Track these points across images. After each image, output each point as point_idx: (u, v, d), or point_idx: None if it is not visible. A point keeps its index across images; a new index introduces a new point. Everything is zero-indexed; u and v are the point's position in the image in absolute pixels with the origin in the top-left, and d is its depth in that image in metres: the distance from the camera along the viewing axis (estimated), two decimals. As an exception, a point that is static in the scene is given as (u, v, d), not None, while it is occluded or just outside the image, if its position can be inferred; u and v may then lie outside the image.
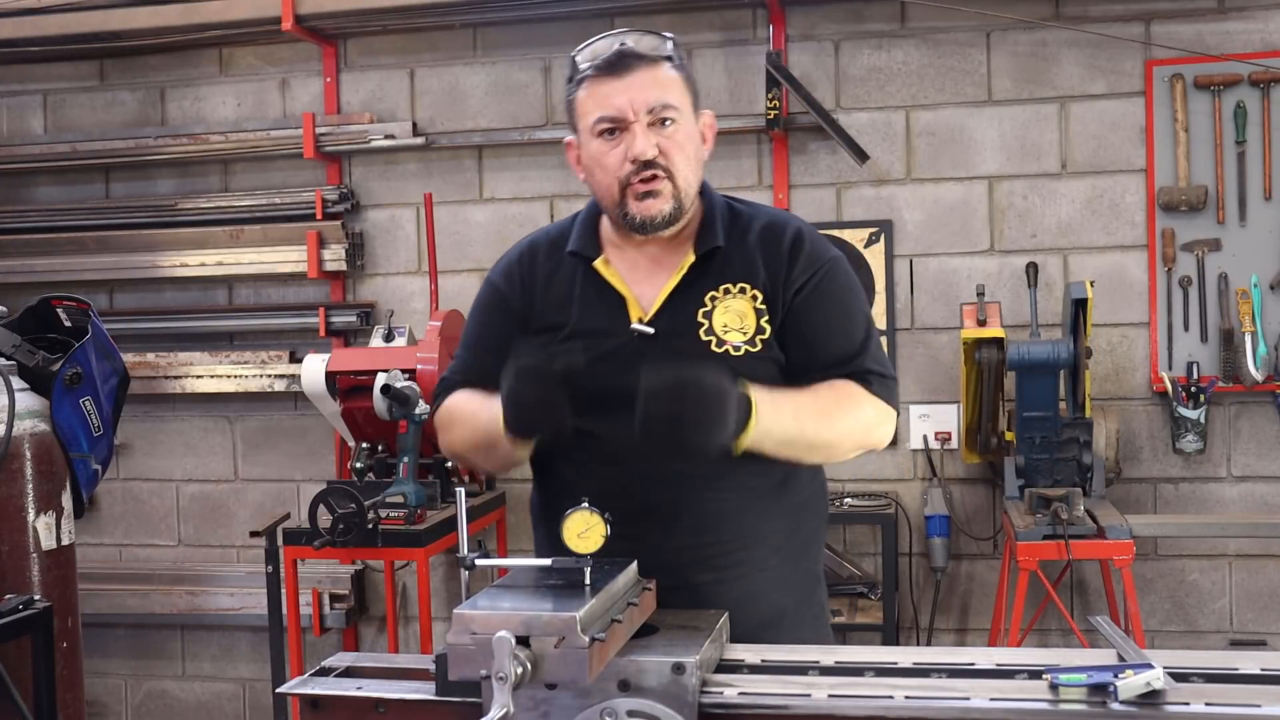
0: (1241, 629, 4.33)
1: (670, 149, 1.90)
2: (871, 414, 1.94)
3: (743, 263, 1.96)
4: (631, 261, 1.99)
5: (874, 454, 4.43)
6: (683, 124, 1.92)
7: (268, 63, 4.90)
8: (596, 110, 1.90)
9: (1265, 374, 4.17)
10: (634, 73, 1.89)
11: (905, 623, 4.42)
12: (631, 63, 1.89)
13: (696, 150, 1.96)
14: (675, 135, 1.91)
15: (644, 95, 1.88)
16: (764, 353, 1.93)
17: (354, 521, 3.61)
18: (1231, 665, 1.57)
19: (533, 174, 4.67)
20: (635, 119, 1.88)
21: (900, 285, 4.46)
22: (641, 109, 1.88)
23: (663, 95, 1.90)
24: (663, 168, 1.89)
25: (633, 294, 1.96)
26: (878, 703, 1.51)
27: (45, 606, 2.31)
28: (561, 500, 1.96)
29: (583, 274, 1.99)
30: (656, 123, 1.89)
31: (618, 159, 1.90)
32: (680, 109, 1.92)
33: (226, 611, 4.79)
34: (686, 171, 1.92)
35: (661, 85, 1.91)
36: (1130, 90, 4.30)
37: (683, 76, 1.95)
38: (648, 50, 1.91)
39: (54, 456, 2.61)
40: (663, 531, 1.82)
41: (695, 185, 1.96)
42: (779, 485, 1.97)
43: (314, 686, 1.71)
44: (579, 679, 1.45)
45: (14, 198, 5.10)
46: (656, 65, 1.91)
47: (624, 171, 1.90)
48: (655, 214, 1.91)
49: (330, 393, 4.12)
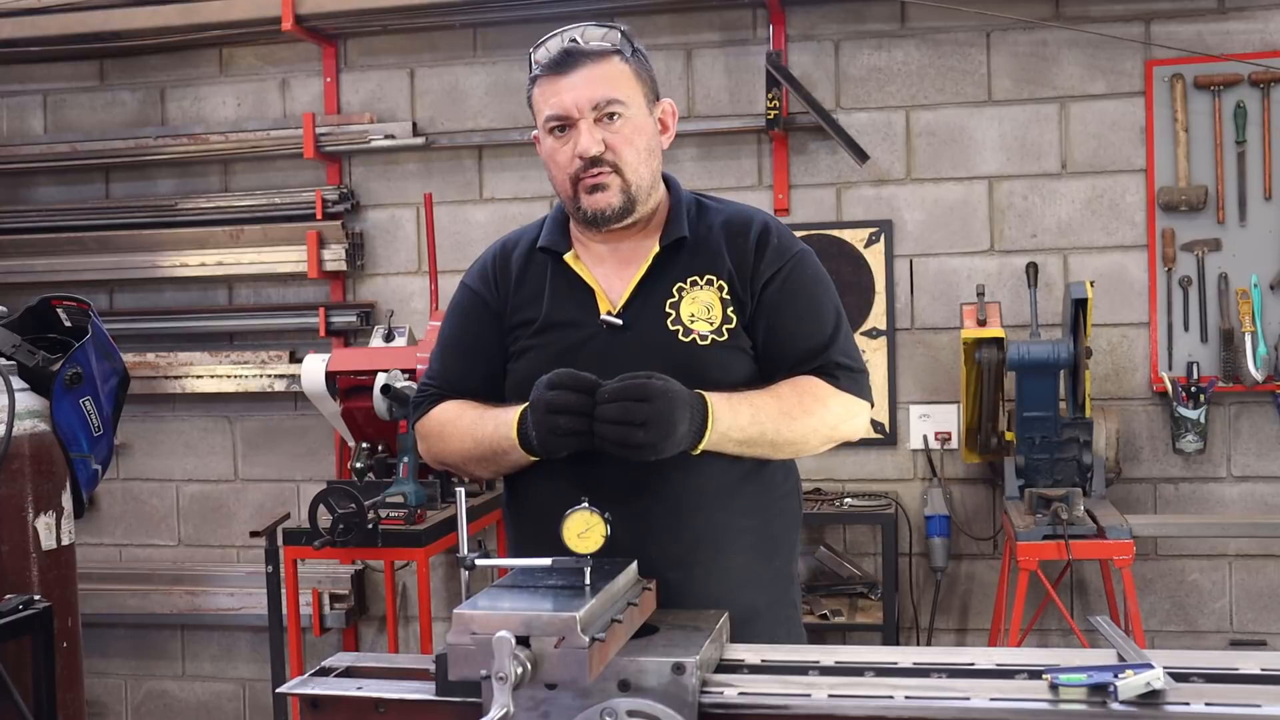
0: (1241, 629, 4.33)
1: (617, 144, 1.93)
2: (838, 410, 1.97)
3: (709, 255, 1.99)
4: (599, 255, 2.02)
5: (874, 454, 4.48)
6: (631, 117, 1.94)
7: (268, 63, 4.91)
8: (545, 109, 1.95)
9: (1265, 374, 4.17)
10: (579, 70, 1.92)
11: (905, 623, 4.42)
12: (577, 60, 1.92)
13: (649, 142, 1.98)
14: (623, 129, 1.93)
15: (588, 92, 1.91)
16: (731, 342, 1.96)
17: (354, 521, 3.61)
18: (1231, 665, 1.57)
19: (533, 174, 4.67)
20: (581, 116, 1.92)
21: (900, 285, 4.46)
22: (586, 106, 1.91)
23: (608, 91, 1.92)
24: (609, 163, 1.93)
25: (601, 286, 1.99)
26: (878, 703, 1.51)
27: (45, 606, 2.30)
28: (532, 496, 2.02)
29: (553, 268, 2.03)
30: (603, 118, 1.92)
31: (567, 156, 1.94)
32: (627, 102, 1.94)
33: (226, 611, 4.79)
34: (636, 164, 1.95)
35: (608, 81, 1.93)
36: (1130, 90, 4.31)
37: (633, 69, 1.97)
38: (594, 45, 1.94)
39: (54, 456, 2.61)
40: (633, 527, 1.82)
41: (649, 177, 1.98)
42: (748, 482, 1.98)
43: (314, 686, 1.71)
44: (579, 679, 1.45)
45: (14, 198, 5.10)
46: (603, 60, 1.94)
47: (573, 168, 1.94)
48: (604, 207, 1.94)
49: (330, 393, 4.12)
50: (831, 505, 4.35)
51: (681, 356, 1.92)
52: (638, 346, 1.93)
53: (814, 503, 4.33)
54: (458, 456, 2.04)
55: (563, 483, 1.88)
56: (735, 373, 1.95)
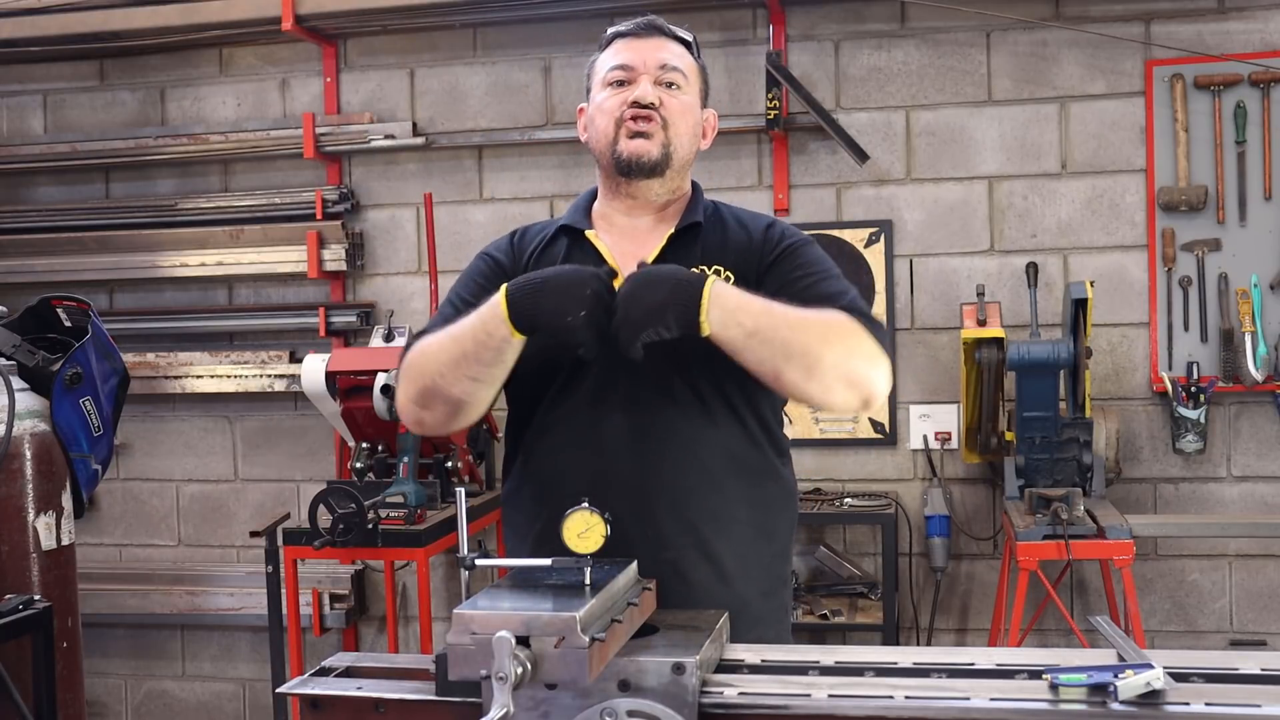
0: (1241, 629, 4.33)
1: (671, 105, 2.02)
2: (860, 350, 1.82)
3: (718, 245, 2.04)
4: (620, 232, 2.06)
5: (874, 454, 4.48)
6: (686, 95, 2.05)
7: (268, 63, 4.91)
8: (613, 59, 2.03)
9: (1265, 374, 4.17)
10: (655, 37, 2.04)
11: (905, 623, 4.42)
12: (657, 29, 2.05)
13: (694, 127, 2.07)
14: (678, 98, 2.02)
15: (657, 54, 2.02)
16: None
17: (354, 521, 3.61)
18: (1231, 665, 1.57)
19: (533, 174, 4.67)
20: (645, 71, 2.00)
21: (900, 285, 4.46)
22: (654, 65, 2.01)
23: (675, 61, 2.03)
24: (660, 115, 1.99)
25: (618, 263, 2.01)
26: (878, 703, 1.51)
27: (45, 606, 2.30)
28: (532, 483, 2.02)
29: (571, 243, 2.07)
30: (663, 83, 2.01)
31: (618, 102, 2.00)
32: (688, 83, 2.04)
33: (226, 611, 4.79)
34: (682, 131, 2.02)
35: (676, 55, 2.04)
36: (1130, 90, 4.31)
37: (698, 66, 2.09)
38: (673, 29, 2.07)
39: (54, 456, 2.61)
40: (633, 514, 1.83)
41: (687, 152, 2.05)
42: (746, 470, 1.99)
43: (314, 686, 1.71)
44: (579, 679, 1.45)
45: (14, 198, 5.10)
46: (678, 42, 2.06)
47: (621, 112, 2.00)
48: (643, 153, 1.99)
49: (330, 393, 4.12)
50: (831, 505, 4.35)
51: (690, 340, 1.88)
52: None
53: (814, 503, 4.33)
54: (434, 372, 1.89)
55: (568, 465, 1.93)
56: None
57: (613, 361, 1.85)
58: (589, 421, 1.96)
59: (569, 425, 1.98)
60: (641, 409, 1.94)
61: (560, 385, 1.99)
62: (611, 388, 1.95)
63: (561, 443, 1.99)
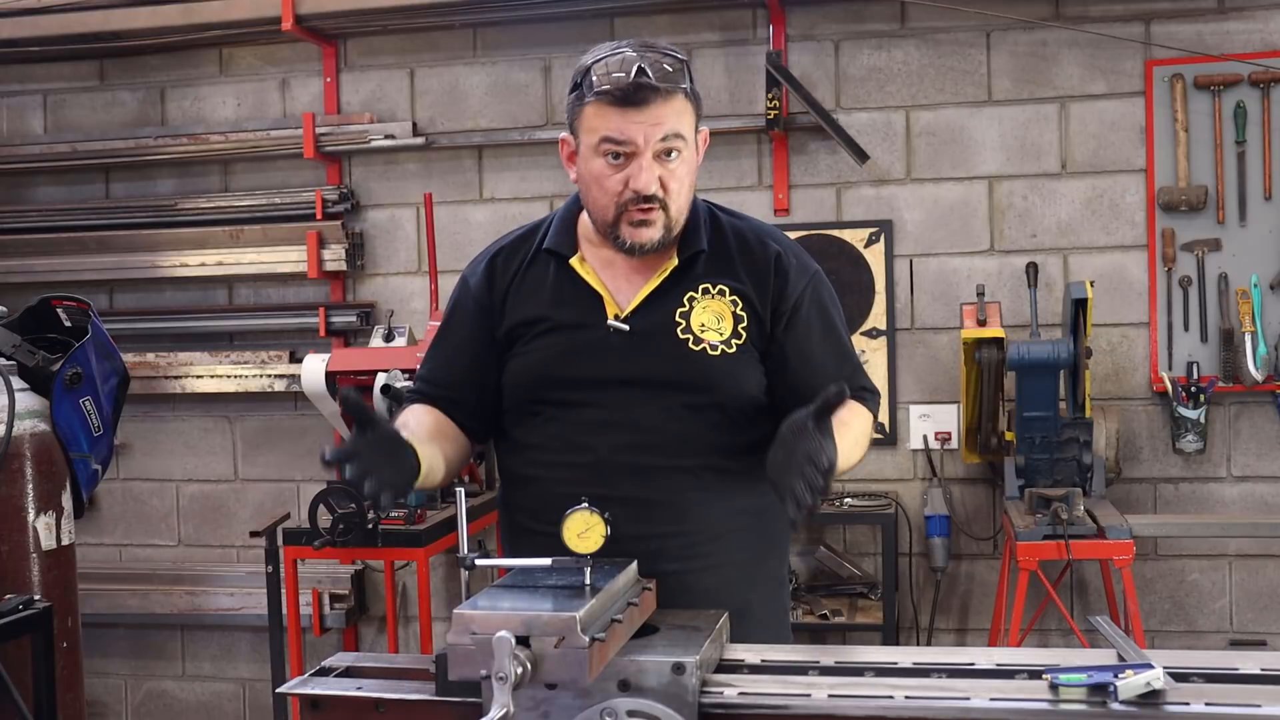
0: (1241, 629, 4.33)
1: (670, 182, 1.91)
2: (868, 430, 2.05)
3: (723, 266, 2.00)
4: (608, 259, 2.01)
5: (874, 454, 4.46)
6: (686, 154, 1.93)
7: (268, 63, 4.90)
8: (605, 131, 1.88)
9: (1265, 374, 4.17)
10: (650, 106, 1.86)
11: (905, 623, 4.42)
12: (648, 95, 1.86)
13: (692, 174, 1.97)
14: (678, 169, 1.91)
15: (657, 129, 1.87)
16: (739, 354, 1.97)
17: (354, 521, 3.61)
18: (1231, 665, 1.57)
19: (533, 174, 4.67)
20: (644, 149, 1.87)
21: (900, 285, 4.46)
22: (653, 138, 1.87)
23: (672, 122, 1.88)
24: (660, 201, 1.91)
25: (609, 290, 1.99)
26: (878, 703, 1.51)
27: (45, 606, 2.31)
28: (529, 490, 2.02)
29: (557, 270, 2.02)
30: (662, 154, 1.89)
31: (619, 184, 1.90)
32: (687, 138, 1.92)
33: (226, 611, 4.79)
34: (681, 202, 1.95)
35: (675, 116, 1.89)
36: (1130, 90, 4.30)
37: (692, 105, 1.94)
38: (665, 81, 1.87)
39: (54, 456, 2.61)
40: (632, 521, 1.83)
41: (686, 210, 1.98)
42: (745, 478, 1.98)
43: (314, 686, 1.71)
44: (579, 679, 1.45)
45: (14, 198, 5.10)
46: (672, 98, 1.88)
47: (624, 198, 1.90)
48: (646, 241, 1.93)
49: (330, 393, 4.11)
50: (831, 505, 4.34)
51: (692, 366, 1.94)
52: (647, 354, 1.94)
53: (814, 503, 4.32)
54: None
55: (564, 473, 1.93)
56: (745, 383, 1.97)
57: (608, 386, 1.93)
58: (588, 432, 1.96)
59: (567, 441, 1.97)
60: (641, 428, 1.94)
61: (557, 404, 1.98)
62: (610, 407, 1.95)
63: (558, 458, 1.98)
